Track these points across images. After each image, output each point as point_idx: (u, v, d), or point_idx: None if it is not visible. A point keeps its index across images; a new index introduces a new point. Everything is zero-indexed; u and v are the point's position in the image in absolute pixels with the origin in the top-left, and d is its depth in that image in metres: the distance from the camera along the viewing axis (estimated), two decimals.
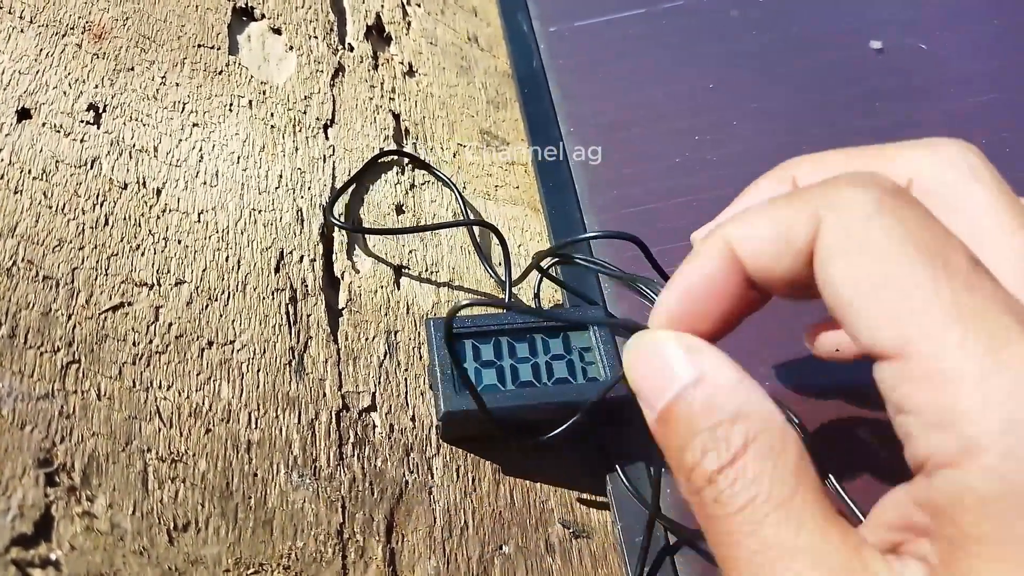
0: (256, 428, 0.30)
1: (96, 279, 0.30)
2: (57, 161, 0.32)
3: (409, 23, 0.51)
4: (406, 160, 0.44)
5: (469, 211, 0.43)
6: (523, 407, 0.33)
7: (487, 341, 0.35)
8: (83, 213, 0.32)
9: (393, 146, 0.44)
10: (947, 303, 0.20)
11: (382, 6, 0.51)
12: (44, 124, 0.33)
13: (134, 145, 0.35)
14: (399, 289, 0.38)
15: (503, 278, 0.39)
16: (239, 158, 0.37)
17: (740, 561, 0.22)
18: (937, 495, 0.20)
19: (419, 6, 0.53)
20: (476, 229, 0.42)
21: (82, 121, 0.34)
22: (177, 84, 0.38)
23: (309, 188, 0.39)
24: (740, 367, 0.25)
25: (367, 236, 0.39)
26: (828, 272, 0.23)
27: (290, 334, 0.33)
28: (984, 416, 0.19)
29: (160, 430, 0.28)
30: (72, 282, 0.30)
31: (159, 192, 0.34)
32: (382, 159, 0.42)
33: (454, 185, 0.43)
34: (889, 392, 0.22)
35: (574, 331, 0.36)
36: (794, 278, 0.24)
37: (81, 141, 0.33)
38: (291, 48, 0.44)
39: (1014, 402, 0.19)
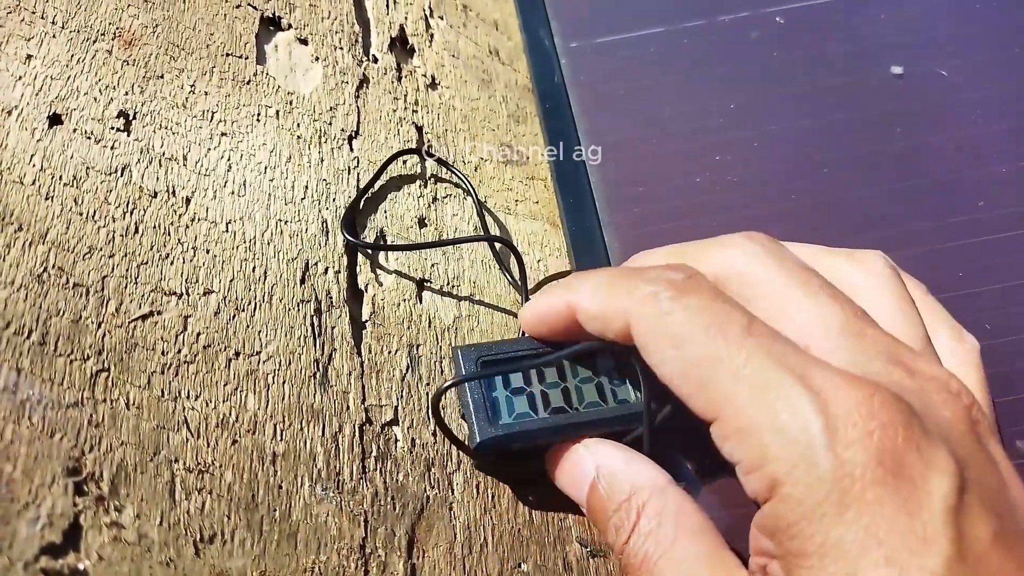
0: (281, 440, 0.30)
1: (126, 287, 0.30)
2: (88, 168, 0.32)
3: (432, 35, 0.51)
4: (428, 173, 0.44)
5: (488, 221, 0.43)
6: (558, 432, 0.33)
7: (516, 367, 0.34)
8: (113, 221, 0.32)
9: (415, 158, 0.44)
10: (730, 369, 0.25)
11: (406, 18, 0.51)
12: (75, 130, 0.33)
13: (164, 153, 0.35)
14: (421, 303, 0.38)
15: (520, 296, 0.39)
16: (266, 168, 0.38)
17: None
18: (767, 523, 0.25)
19: (442, 19, 0.53)
20: (497, 244, 0.42)
21: (112, 128, 0.34)
22: (206, 93, 0.38)
23: (334, 200, 0.39)
24: (626, 447, 0.32)
25: (355, 235, 0.39)
26: (648, 359, 0.28)
27: (314, 346, 0.34)
28: (777, 457, 0.24)
29: (188, 440, 0.28)
30: (102, 290, 0.30)
31: (188, 201, 0.34)
32: (399, 158, 0.42)
33: (474, 190, 0.43)
34: (720, 450, 0.26)
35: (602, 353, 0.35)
36: (619, 341, 0.30)
37: (112, 148, 0.34)
38: (317, 59, 0.44)
39: (794, 442, 0.23)
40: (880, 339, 0.27)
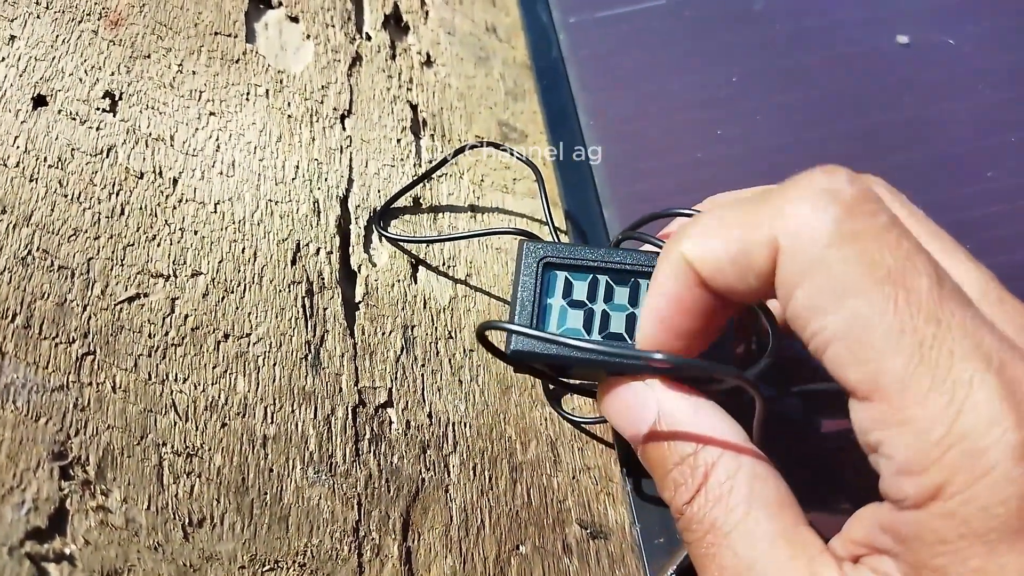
0: (272, 423, 0.30)
1: (112, 269, 0.30)
2: (73, 149, 0.32)
3: (427, 12, 0.50)
4: (423, 152, 0.43)
5: (487, 201, 0.43)
6: (604, 363, 0.28)
7: (583, 277, 0.29)
8: (99, 202, 0.31)
9: (411, 137, 0.43)
10: (911, 343, 0.20)
11: None
12: (60, 111, 0.33)
13: (150, 134, 0.34)
14: (416, 283, 0.38)
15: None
16: (256, 148, 0.37)
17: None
18: (903, 528, 0.22)
19: None
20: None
21: (98, 109, 0.34)
22: (194, 72, 0.37)
23: (326, 179, 0.38)
24: (696, 392, 0.27)
25: (385, 229, 0.38)
26: (790, 305, 0.23)
27: (306, 328, 0.33)
28: (953, 467, 0.20)
29: (176, 424, 0.28)
30: (88, 272, 0.29)
31: (175, 182, 0.33)
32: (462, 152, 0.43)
33: (536, 169, 0.42)
34: (862, 433, 0.22)
35: None
36: (762, 295, 0.24)
37: (97, 129, 0.33)
38: (308, 37, 0.43)
39: (980, 455, 0.20)
40: (1018, 308, 0.23)
